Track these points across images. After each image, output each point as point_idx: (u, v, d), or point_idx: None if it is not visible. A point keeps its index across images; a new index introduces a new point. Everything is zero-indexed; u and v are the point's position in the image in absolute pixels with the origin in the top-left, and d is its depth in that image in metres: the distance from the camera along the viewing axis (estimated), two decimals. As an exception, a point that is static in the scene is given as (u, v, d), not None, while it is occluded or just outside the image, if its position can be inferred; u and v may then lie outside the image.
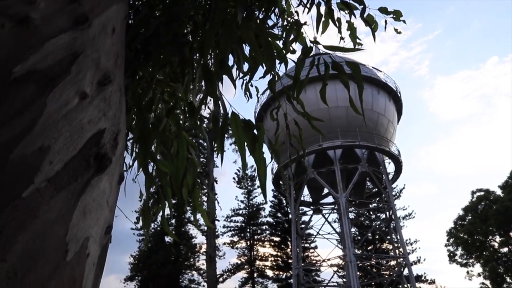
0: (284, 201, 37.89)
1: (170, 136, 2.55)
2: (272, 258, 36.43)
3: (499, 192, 31.08)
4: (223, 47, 2.12)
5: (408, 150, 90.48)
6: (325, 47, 2.45)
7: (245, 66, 2.67)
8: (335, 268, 30.50)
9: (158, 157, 2.60)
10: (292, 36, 2.74)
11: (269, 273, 36.37)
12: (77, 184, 1.02)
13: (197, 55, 2.50)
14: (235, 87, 2.47)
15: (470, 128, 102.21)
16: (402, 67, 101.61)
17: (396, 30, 3.64)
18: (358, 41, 3.36)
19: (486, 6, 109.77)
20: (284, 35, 2.72)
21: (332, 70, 2.44)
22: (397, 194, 38.05)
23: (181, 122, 2.77)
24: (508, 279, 29.55)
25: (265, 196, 2.06)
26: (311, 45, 2.45)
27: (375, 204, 33.50)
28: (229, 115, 2.27)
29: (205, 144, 28.96)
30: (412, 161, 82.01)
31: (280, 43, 2.74)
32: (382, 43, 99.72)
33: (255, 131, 2.19)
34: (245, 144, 2.24)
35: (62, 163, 0.98)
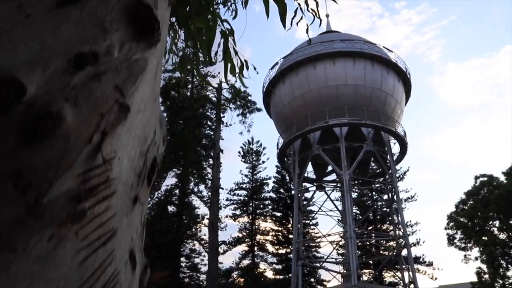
0: (287, 177, 38.22)
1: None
2: (273, 233, 37.00)
3: (502, 178, 31.15)
4: None
5: (414, 136, 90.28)
6: None
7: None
8: (335, 245, 30.90)
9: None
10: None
11: (269, 247, 36.98)
12: None
13: None
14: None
15: (479, 117, 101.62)
16: (414, 51, 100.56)
17: None
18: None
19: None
20: None
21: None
22: (401, 176, 38.27)
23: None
24: (504, 264, 29.88)
25: (284, 25, 2.56)
26: None
27: (378, 185, 33.73)
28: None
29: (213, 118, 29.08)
30: (417, 147, 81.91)
31: None
32: (395, 26, 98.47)
33: None
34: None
35: None
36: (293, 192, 33.19)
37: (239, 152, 39.62)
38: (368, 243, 34.85)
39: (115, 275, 0.83)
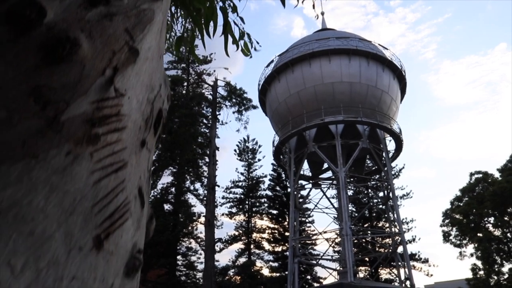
0: (283, 175, 38.33)
1: None
2: (269, 231, 37.09)
3: (497, 175, 31.40)
4: None
5: (409, 133, 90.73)
6: None
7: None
8: (331, 242, 30.99)
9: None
10: None
11: (266, 245, 37.07)
12: None
13: None
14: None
15: (473, 114, 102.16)
16: (409, 49, 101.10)
17: None
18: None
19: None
20: None
21: None
22: (396, 173, 38.45)
23: None
24: (498, 260, 30.10)
25: (283, 4, 2.64)
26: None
27: (374, 182, 33.86)
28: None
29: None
30: (412, 144, 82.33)
31: None
32: (390, 24, 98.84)
33: None
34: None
35: None
36: (289, 189, 33.29)
37: (235, 150, 39.77)
38: (364, 240, 34.98)
39: (126, 202, 0.88)
